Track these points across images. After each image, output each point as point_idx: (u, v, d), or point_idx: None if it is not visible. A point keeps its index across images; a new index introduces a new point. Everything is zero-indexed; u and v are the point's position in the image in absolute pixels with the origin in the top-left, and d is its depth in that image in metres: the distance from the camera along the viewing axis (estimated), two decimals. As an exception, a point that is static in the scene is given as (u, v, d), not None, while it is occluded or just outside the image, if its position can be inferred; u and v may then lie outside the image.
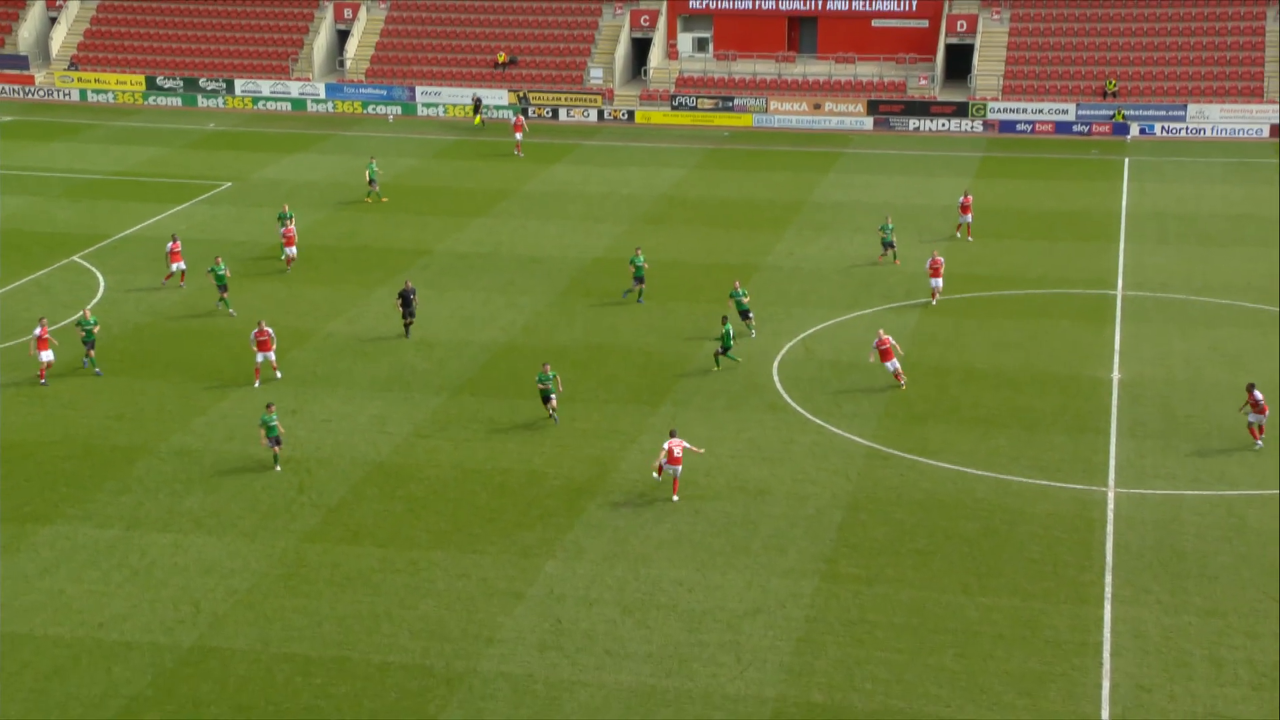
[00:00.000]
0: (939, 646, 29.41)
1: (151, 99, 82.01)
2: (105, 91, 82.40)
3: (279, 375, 43.26)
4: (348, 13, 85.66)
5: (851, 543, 33.63)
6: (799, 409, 41.14)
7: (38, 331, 42.59)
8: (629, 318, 48.38)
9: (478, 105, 78.45)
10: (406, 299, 46.40)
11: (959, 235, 56.72)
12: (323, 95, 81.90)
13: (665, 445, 35.67)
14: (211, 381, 43.22)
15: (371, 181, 62.81)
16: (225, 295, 48.42)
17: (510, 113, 79.27)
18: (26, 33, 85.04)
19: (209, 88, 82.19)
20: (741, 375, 43.27)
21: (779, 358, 44.99)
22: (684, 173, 68.57)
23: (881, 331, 42.44)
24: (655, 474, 36.32)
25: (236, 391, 42.50)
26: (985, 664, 28.80)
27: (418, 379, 43.40)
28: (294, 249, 53.14)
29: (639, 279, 49.65)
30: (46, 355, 42.44)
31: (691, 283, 51.79)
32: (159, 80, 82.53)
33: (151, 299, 50.38)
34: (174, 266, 51.04)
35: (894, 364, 41.99)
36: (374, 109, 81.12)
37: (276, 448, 37.13)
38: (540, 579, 32.22)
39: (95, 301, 49.88)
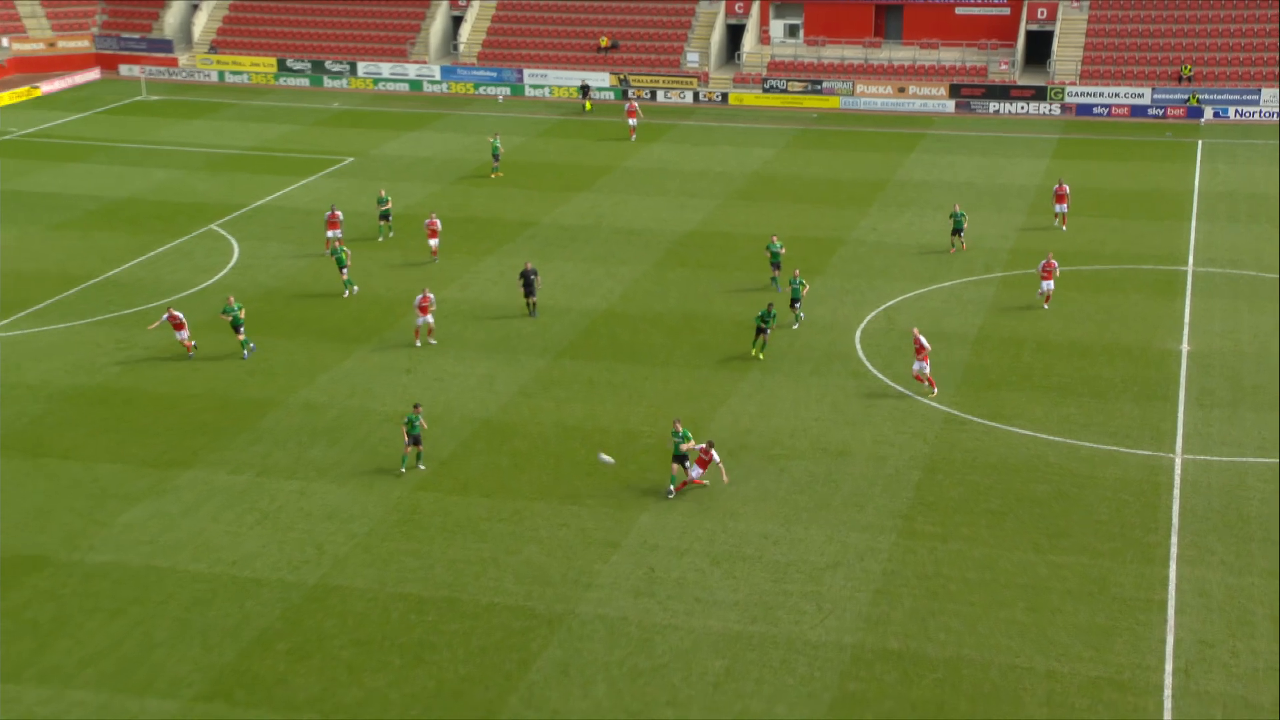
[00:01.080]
0: (1010, 600, 29.14)
1: (282, 80, 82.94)
2: (241, 73, 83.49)
3: (434, 342, 42.99)
4: (461, 0, 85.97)
5: (927, 502, 33.37)
6: (880, 375, 40.82)
7: (166, 318, 41.92)
8: (720, 287, 48.21)
9: (585, 90, 78.40)
10: (528, 280, 45.37)
11: (1057, 224, 54.44)
12: (438, 77, 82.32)
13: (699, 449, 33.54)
14: (336, 341, 43.77)
15: (496, 156, 63.20)
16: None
17: (612, 94, 79.19)
18: (172, 19, 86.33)
19: (334, 70, 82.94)
20: (825, 343, 42.97)
21: (861, 327, 44.63)
22: (773, 152, 68.10)
23: (916, 330, 41.02)
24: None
25: (359, 350, 43.02)
26: (1054, 618, 28.49)
27: (523, 342, 43.65)
28: (436, 240, 50.89)
29: (776, 264, 47.77)
30: (183, 334, 41.82)
31: (785, 255, 51.46)
32: (289, 63, 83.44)
33: (281, 264, 51.08)
34: (330, 234, 51.59)
35: (924, 365, 39.13)
36: (485, 90, 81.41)
37: (416, 447, 35.08)
38: (635, 530, 32.34)
39: (230, 267, 50.65)
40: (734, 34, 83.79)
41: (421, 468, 35.18)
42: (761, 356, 41.76)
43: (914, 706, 25.94)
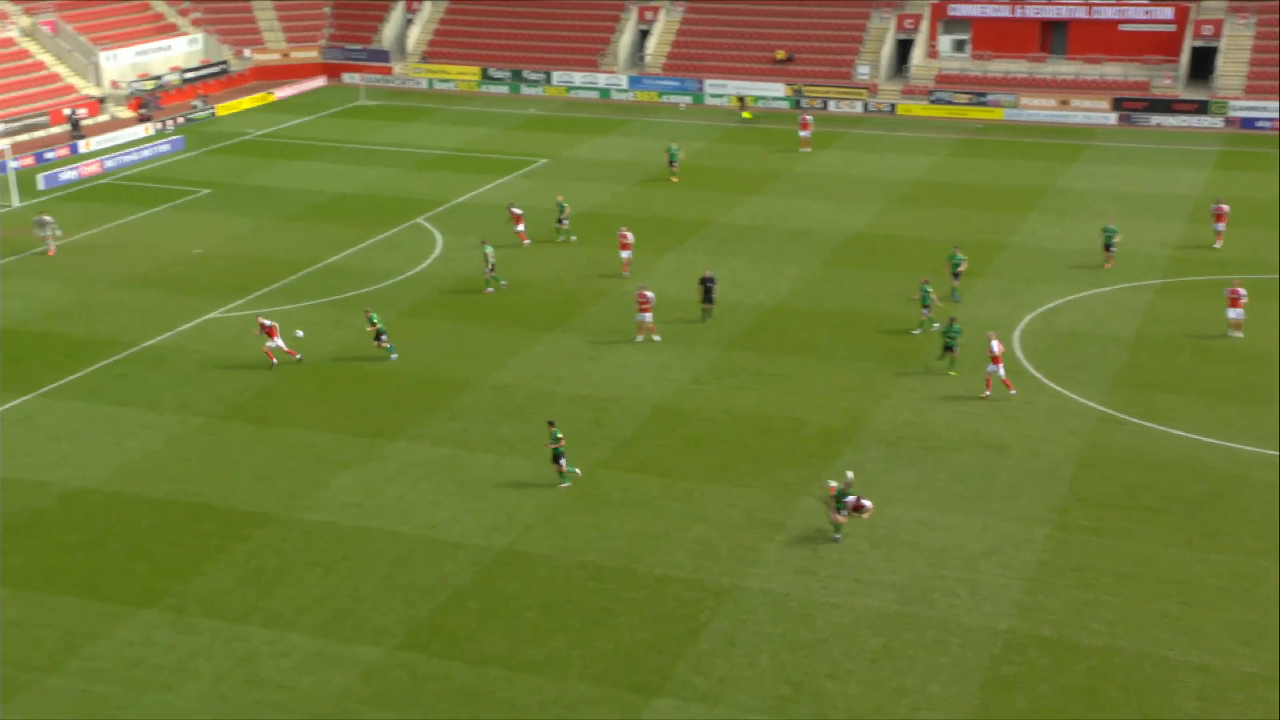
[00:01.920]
0: (1163, 595, 28.02)
1: (484, 87, 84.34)
2: (448, 81, 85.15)
3: (657, 338, 42.42)
4: (649, 14, 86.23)
5: (1082, 497, 32.29)
6: (1036, 374, 39.64)
7: (267, 322, 40.80)
8: (884, 287, 47.40)
9: (742, 101, 78.14)
10: (707, 287, 44.29)
11: (1218, 245, 50.90)
12: (625, 85, 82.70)
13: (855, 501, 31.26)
14: (526, 328, 44.32)
15: (672, 161, 63.25)
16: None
17: (786, 104, 78.55)
18: (389, 32, 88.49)
19: (531, 78, 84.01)
20: (985, 342, 41.88)
21: (1020, 328, 43.41)
22: (938, 159, 66.68)
23: (993, 335, 39.14)
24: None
25: (547, 337, 43.47)
26: (1208, 613, 27.30)
27: (697, 334, 43.57)
28: (628, 253, 48.97)
29: (956, 275, 45.63)
30: (276, 342, 40.57)
31: (940, 257, 50.37)
32: (491, 71, 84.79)
33: (479, 255, 51.87)
34: (519, 227, 52.31)
35: (998, 369, 37.37)
36: (668, 98, 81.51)
37: (558, 465, 33.35)
38: (798, 512, 32.02)
39: (433, 258, 51.65)
40: (903, 48, 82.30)
41: (577, 472, 33.53)
42: (954, 374, 39.29)
43: (1066, 692, 25.13)
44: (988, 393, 37.94)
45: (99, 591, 28.70)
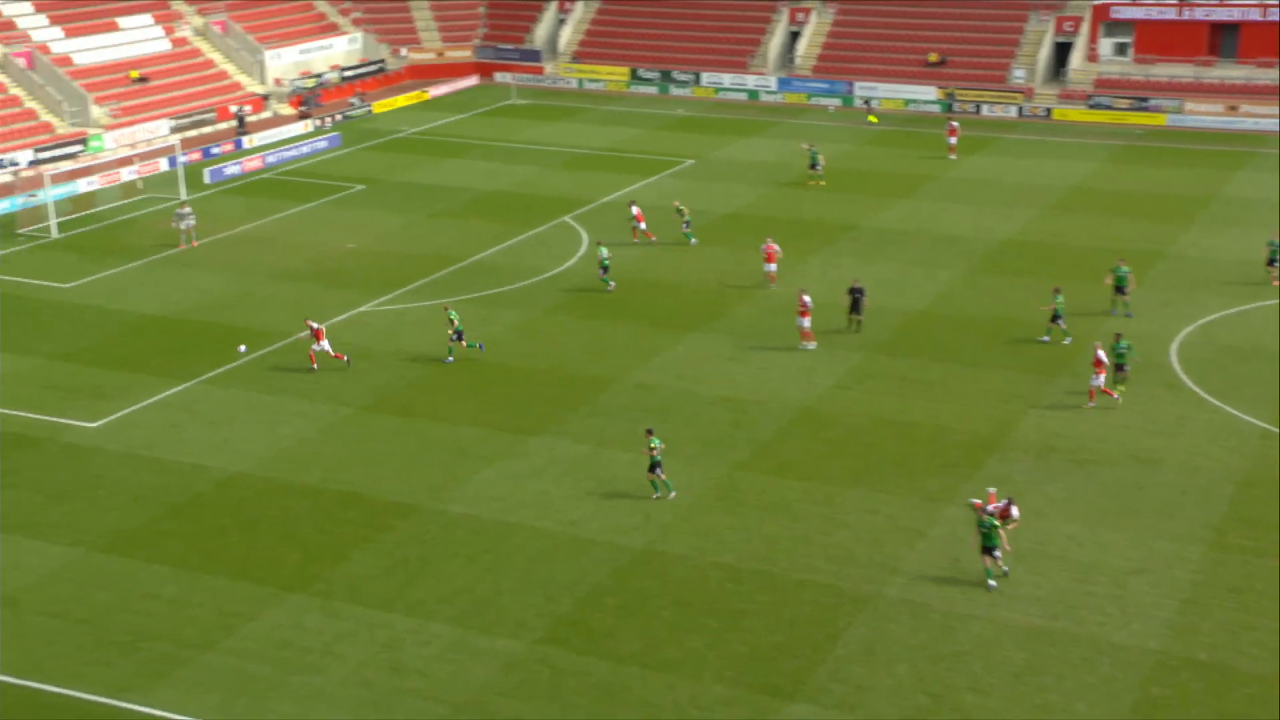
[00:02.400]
0: (1324, 623, 26.85)
1: (633, 88, 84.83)
2: (597, 81, 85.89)
3: (811, 346, 41.74)
4: (800, 16, 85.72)
5: (1242, 516, 31.10)
6: (1195, 388, 38.32)
7: (315, 325, 40.98)
8: (1034, 295, 46.33)
9: (869, 105, 77.20)
10: (855, 298, 43.37)
11: None
12: (774, 87, 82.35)
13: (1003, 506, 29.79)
14: (669, 328, 44.45)
15: (814, 165, 62.80)
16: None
17: (937, 108, 77.34)
18: (541, 32, 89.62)
19: (680, 79, 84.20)
20: (1141, 353, 40.63)
21: (1178, 340, 42.02)
22: (1096, 166, 64.91)
23: (1097, 345, 37.97)
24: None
25: (690, 337, 43.53)
26: (1372, 645, 26.08)
27: (841, 337, 43.16)
28: (773, 265, 47.72)
29: (1120, 289, 43.74)
30: (324, 345, 40.60)
31: (1098, 266, 49.08)
32: (640, 72, 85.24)
33: (623, 254, 52.22)
34: (640, 225, 52.70)
35: (1100, 379, 36.72)
36: (817, 100, 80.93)
37: (654, 474, 32.63)
38: (941, 521, 31.50)
39: (578, 256, 52.13)
40: (1061, 51, 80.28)
41: (672, 493, 32.76)
42: (1121, 389, 37.52)
43: (1221, 719, 24.24)
44: (1092, 404, 36.93)
45: (252, 574, 29.67)
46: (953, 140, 67.28)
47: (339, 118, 76.76)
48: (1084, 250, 51.16)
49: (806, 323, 41.94)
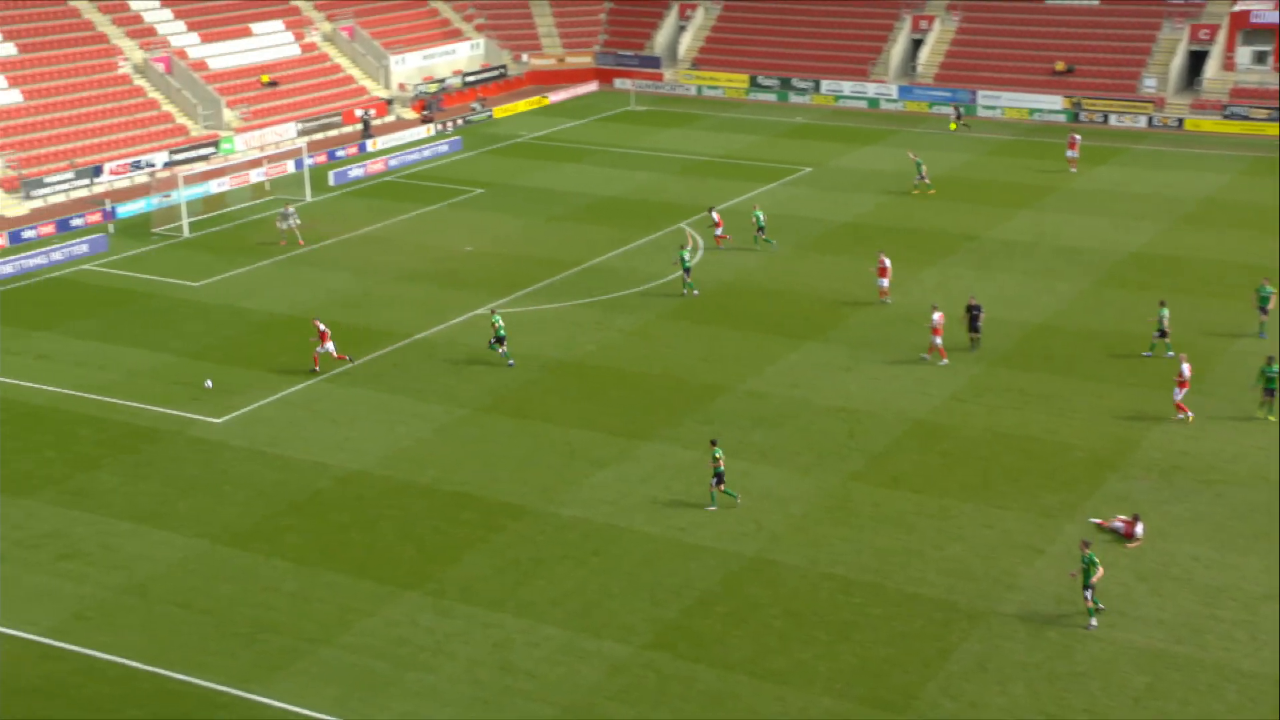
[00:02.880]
0: None
1: (752, 95, 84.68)
2: (716, 87, 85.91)
3: (935, 359, 40.99)
4: (923, 23, 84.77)
5: (1377, 544, 29.95)
6: (1330, 409, 36.99)
7: (322, 327, 41.22)
8: (1156, 310, 45.15)
9: (958, 112, 76.27)
10: (973, 315, 42.32)
11: None
12: (895, 95, 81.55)
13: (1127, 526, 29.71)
14: (783, 336, 44.26)
15: (920, 174, 62.15)
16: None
17: (1063, 117, 75.85)
18: (661, 39, 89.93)
19: (799, 86, 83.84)
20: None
21: (1313, 359, 40.58)
22: (1230, 178, 63.06)
23: (1184, 358, 36.89)
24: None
25: (804, 346, 43.31)
26: None
27: (959, 350, 42.54)
28: (885, 280, 46.60)
29: (1264, 309, 42.43)
30: (329, 346, 41.08)
31: (1227, 281, 47.71)
32: (759, 79, 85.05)
33: (739, 261, 52.18)
34: (719, 230, 53.38)
35: (1182, 393, 36.41)
36: (938, 109, 79.94)
37: (717, 485, 32.74)
38: (1060, 539, 30.89)
39: (694, 262, 52.16)
40: (1195, 60, 78.16)
41: (737, 498, 32.78)
42: (1273, 418, 36.38)
43: (1350, 753, 23.40)
44: (1183, 416, 36.27)
45: (369, 571, 30.26)
46: (1072, 154, 65.60)
47: (460, 122, 77.92)
48: (1214, 265, 49.75)
49: (939, 340, 41.23)
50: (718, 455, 32.60)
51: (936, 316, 41.31)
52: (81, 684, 26.14)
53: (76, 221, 57.91)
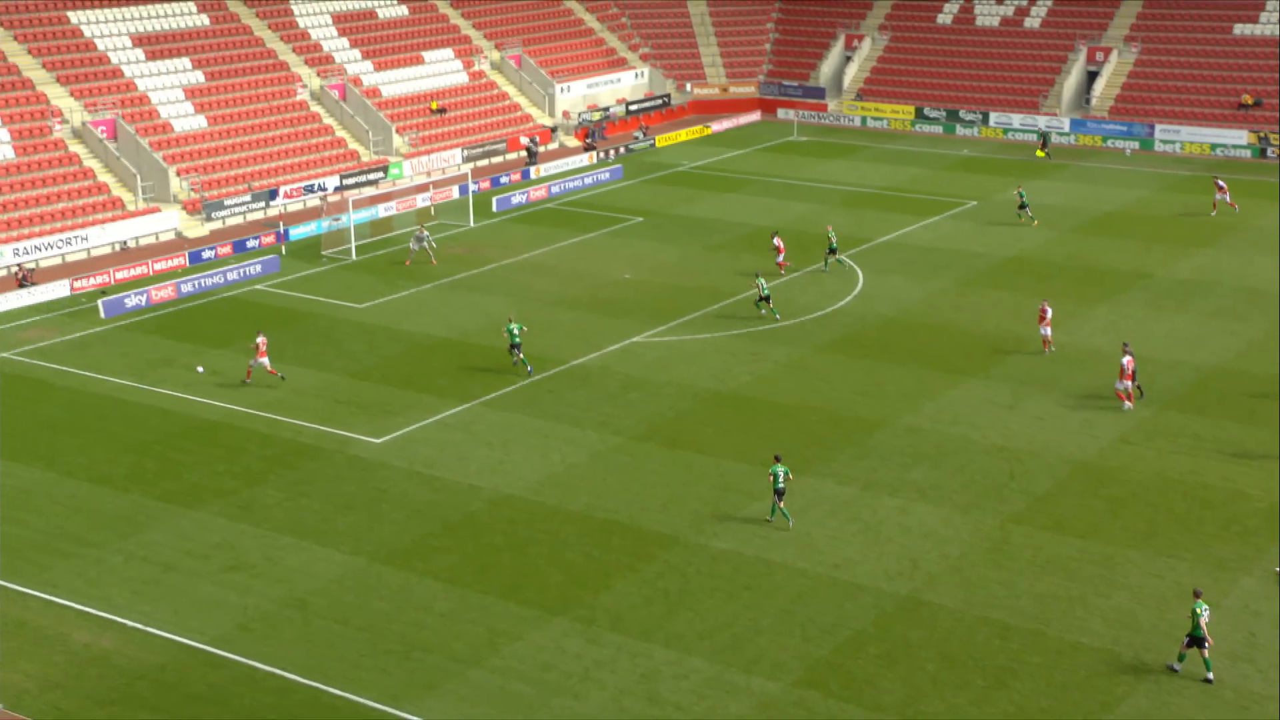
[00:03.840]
0: None
1: (917, 126, 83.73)
2: (881, 119, 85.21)
3: (1127, 406, 39.68)
4: (1099, 55, 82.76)
5: None
6: None
7: (261, 341, 42.94)
8: (1352, 355, 43.12)
9: (1044, 140, 75.02)
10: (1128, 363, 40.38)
11: None
12: (1066, 129, 79.71)
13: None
14: (944, 371, 43.51)
15: (1024, 205, 60.66)
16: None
17: (1249, 153, 73.07)
18: (826, 69, 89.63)
19: (967, 119, 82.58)
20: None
21: None
22: None
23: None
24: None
25: (965, 383, 42.49)
26: None
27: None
28: (1048, 329, 44.38)
29: None
30: (261, 361, 42.59)
31: None
32: (926, 111, 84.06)
33: (901, 296, 51.53)
34: (780, 257, 54.16)
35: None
36: (1112, 143, 77.81)
37: (777, 500, 33.28)
38: (1236, 592, 29.58)
39: (853, 295, 51.71)
40: (1391, 92, 74.59)
41: (789, 521, 32.98)
42: None
43: None
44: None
45: (519, 595, 30.61)
46: (1219, 197, 61.99)
47: (622, 150, 78.79)
48: None
49: (1128, 385, 39.79)
50: (776, 471, 32.86)
51: (1126, 360, 39.92)
52: (242, 693, 26.99)
53: (252, 243, 60.21)
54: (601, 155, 77.42)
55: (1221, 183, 62.98)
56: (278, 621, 29.55)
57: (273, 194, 65.92)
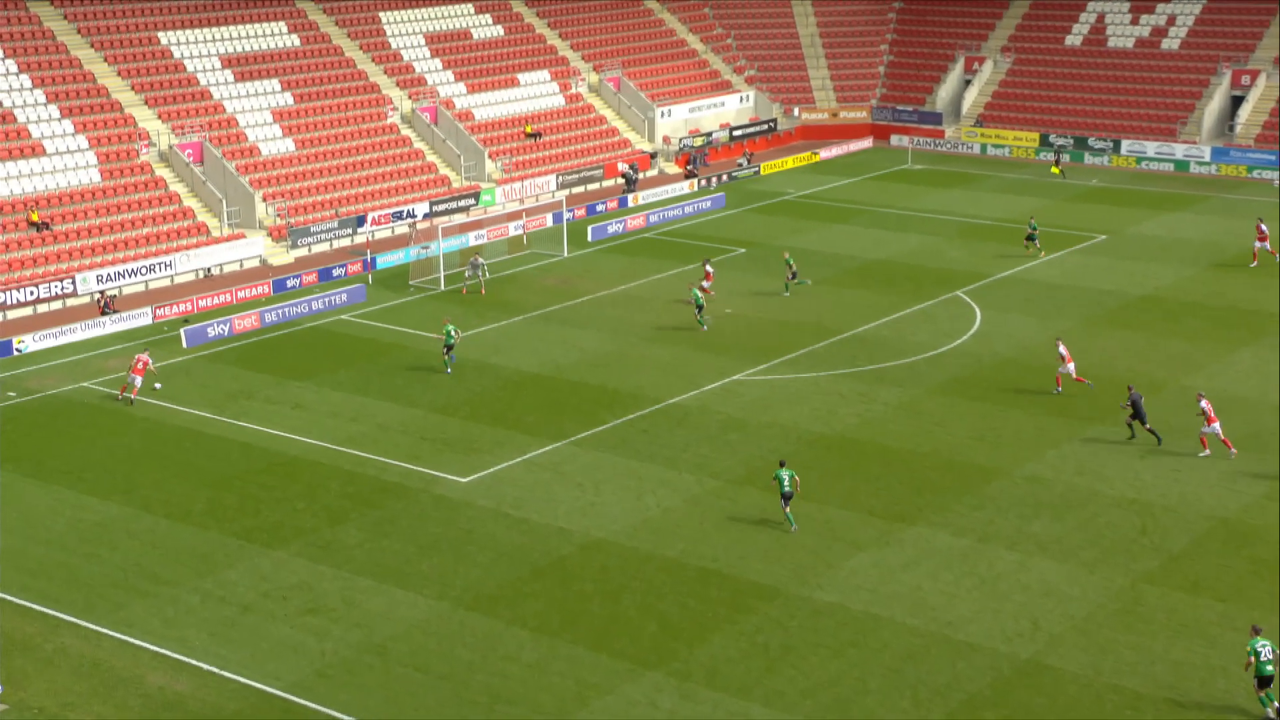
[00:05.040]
0: None
1: (1042, 155, 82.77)
2: (1002, 146, 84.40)
3: (1204, 454, 39.55)
4: (1244, 79, 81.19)
5: None
6: None
7: (142, 357, 45.58)
8: None
9: (1058, 158, 75.89)
10: (1134, 404, 40.35)
11: None
12: (1207, 158, 78.22)
13: None
14: (1068, 418, 42.74)
15: (1032, 236, 60.27)
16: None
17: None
18: (944, 94, 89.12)
19: (1096, 146, 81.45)
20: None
21: None
22: None
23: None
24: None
25: (1092, 429, 41.70)
26: None
27: (1272, 441, 40.10)
28: (1071, 366, 44.14)
29: None
30: (135, 379, 45.12)
31: None
32: (1050, 137, 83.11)
33: (1021, 335, 50.82)
34: (707, 283, 55.18)
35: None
36: (1259, 174, 76.16)
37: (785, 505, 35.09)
38: (1392, 666, 28.46)
39: (970, 334, 51.10)
40: None
41: (793, 529, 34.54)
42: None
43: None
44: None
45: (610, 645, 30.56)
46: (1260, 245, 58.97)
47: (725, 178, 78.99)
48: None
49: (1216, 429, 39.28)
50: (781, 476, 35.21)
51: (1204, 404, 39.45)
52: (317, 741, 27.25)
53: (338, 271, 61.32)
54: (703, 183, 77.68)
55: (1264, 228, 59.61)
56: (356, 668, 29.84)
57: (360, 220, 67.15)
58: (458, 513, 37.29)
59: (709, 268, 56.58)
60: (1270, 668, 26.75)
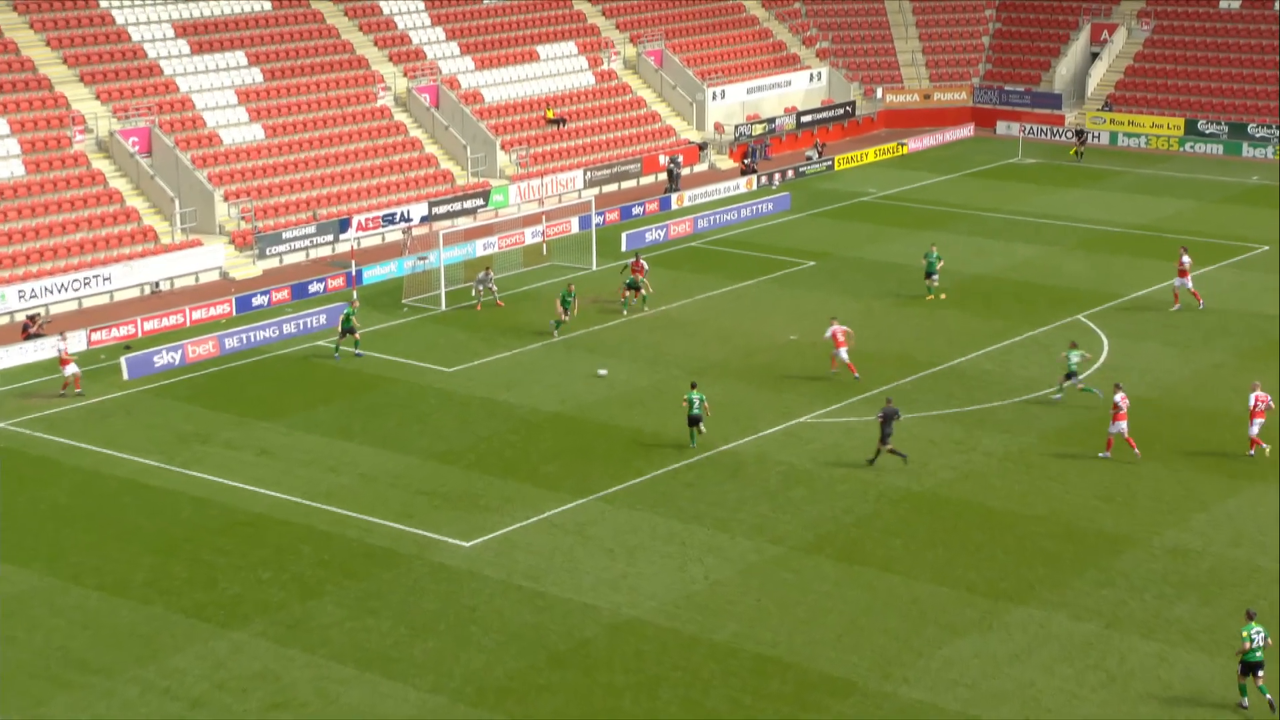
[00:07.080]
0: None
1: (1188, 145, 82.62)
2: (1138, 135, 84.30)
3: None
4: None
5: None
6: None
7: (64, 346, 50.73)
8: None
9: (1080, 138, 79.52)
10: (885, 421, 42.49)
11: None
12: (1395, 149, 77.96)
13: None
14: (1218, 474, 42.50)
15: (930, 273, 58.26)
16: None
17: None
18: (1064, 70, 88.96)
19: (1258, 135, 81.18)
20: None
21: None
22: None
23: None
24: None
25: (1250, 489, 41.45)
26: None
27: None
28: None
29: None
30: (70, 369, 49.97)
31: None
32: (1200, 125, 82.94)
33: (1159, 370, 50.65)
34: (641, 277, 57.58)
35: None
36: None
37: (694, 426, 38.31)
38: None
39: (1094, 368, 50.91)
40: None
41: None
42: None
43: None
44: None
45: (642, 749, 30.54)
46: (1181, 281, 56.81)
47: (790, 174, 79.23)
48: None
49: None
50: (691, 398, 40.60)
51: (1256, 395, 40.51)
52: None
53: (315, 287, 61.77)
54: (763, 180, 77.93)
55: (1186, 259, 56.87)
56: (331, 776, 29.90)
57: (343, 225, 67.68)
58: (459, 585, 37.39)
59: (643, 261, 58.39)
60: (1260, 654, 29.26)
